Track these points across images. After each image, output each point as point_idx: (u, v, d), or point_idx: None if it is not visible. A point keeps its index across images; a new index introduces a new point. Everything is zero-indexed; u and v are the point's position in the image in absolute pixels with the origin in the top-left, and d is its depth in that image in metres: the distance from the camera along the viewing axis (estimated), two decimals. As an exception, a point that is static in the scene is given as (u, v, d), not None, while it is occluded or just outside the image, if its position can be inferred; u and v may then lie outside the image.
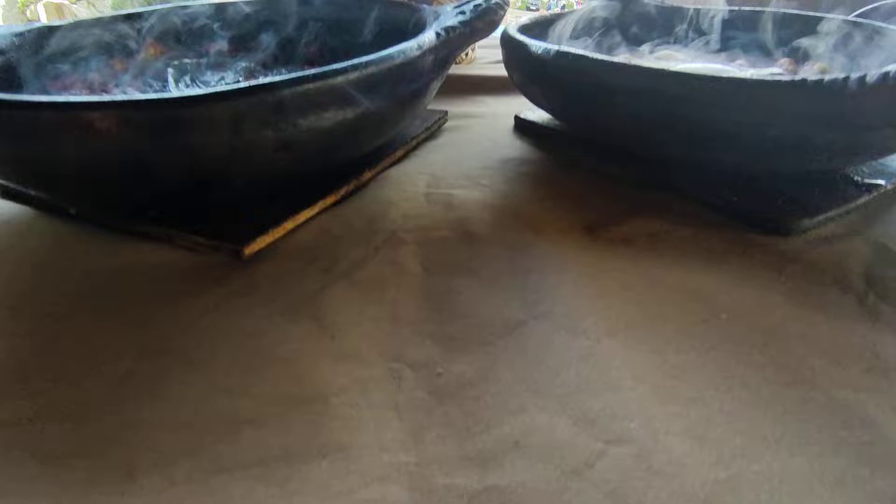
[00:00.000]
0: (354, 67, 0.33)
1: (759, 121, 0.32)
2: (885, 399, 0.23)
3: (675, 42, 0.59)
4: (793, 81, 0.31)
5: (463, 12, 0.42)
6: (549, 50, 0.39)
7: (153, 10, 0.57)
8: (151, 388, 0.24)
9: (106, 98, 0.34)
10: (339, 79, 0.32)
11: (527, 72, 0.44)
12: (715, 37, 0.58)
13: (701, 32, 0.59)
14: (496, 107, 0.58)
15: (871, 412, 0.22)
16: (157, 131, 0.29)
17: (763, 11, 0.58)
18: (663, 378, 0.23)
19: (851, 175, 0.39)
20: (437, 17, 0.45)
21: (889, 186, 0.39)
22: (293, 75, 0.31)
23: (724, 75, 0.32)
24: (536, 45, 0.40)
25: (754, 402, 0.22)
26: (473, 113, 0.56)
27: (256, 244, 0.33)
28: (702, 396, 0.23)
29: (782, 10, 0.57)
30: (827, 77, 0.30)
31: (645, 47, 0.57)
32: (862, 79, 0.29)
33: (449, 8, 0.45)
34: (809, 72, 0.47)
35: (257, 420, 0.22)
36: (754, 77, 0.32)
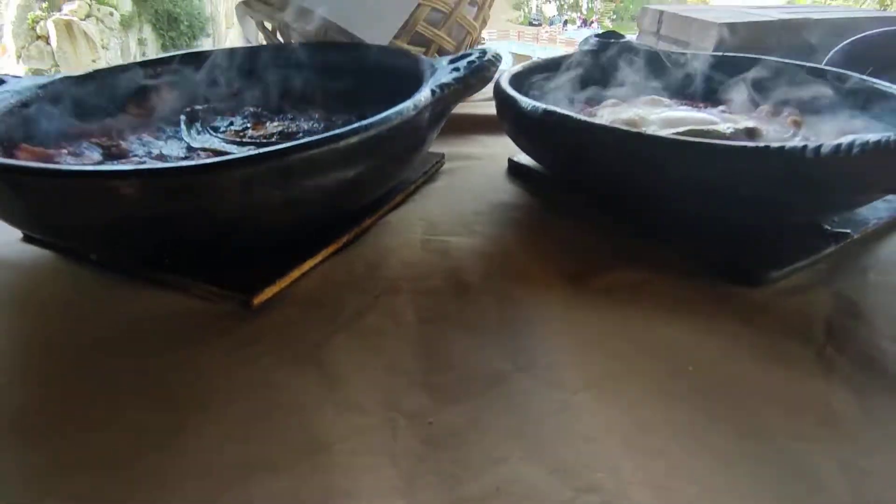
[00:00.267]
0: (355, 131, 0.36)
1: (728, 181, 0.35)
2: (832, 451, 0.25)
3: (663, 87, 0.62)
4: (757, 148, 0.34)
5: (457, 69, 0.46)
6: (537, 108, 0.42)
7: (165, 57, 0.61)
8: (171, 436, 0.26)
9: (132, 167, 0.37)
10: (342, 143, 0.35)
11: (516, 125, 0.47)
12: (702, 82, 0.61)
13: (690, 77, 0.62)
14: (493, 147, 0.61)
15: (817, 464, 0.24)
16: (175, 195, 0.32)
17: (750, 58, 0.61)
18: (632, 430, 0.26)
19: (822, 225, 0.42)
20: (433, 69, 0.48)
21: (856, 236, 0.41)
22: (299, 142, 0.34)
23: (696, 140, 0.35)
24: (525, 103, 0.43)
25: (713, 453, 0.25)
26: (470, 154, 0.59)
27: (264, 294, 0.36)
28: (666, 447, 0.25)
29: (769, 58, 0.60)
30: (787, 145, 0.33)
31: (634, 95, 0.60)
32: (818, 148, 0.32)
33: (445, 62, 0.48)
34: (783, 123, 0.49)
35: (269, 468, 0.25)
36: (723, 143, 0.35)
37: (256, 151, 0.32)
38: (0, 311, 0.38)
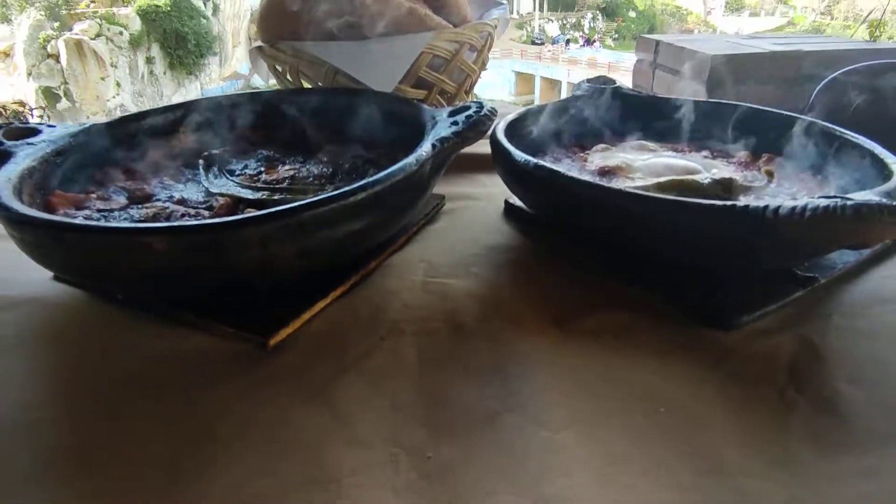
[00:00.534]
0: (363, 188, 0.40)
1: (697, 235, 0.39)
2: (783, 488, 0.28)
3: (650, 131, 0.66)
4: (724, 206, 0.37)
5: (456, 122, 0.50)
6: (529, 162, 0.46)
7: (186, 103, 0.65)
8: (199, 472, 0.30)
9: (162, 226, 0.41)
10: (351, 199, 0.39)
11: (509, 174, 0.50)
12: (686, 127, 0.65)
13: (675, 122, 0.65)
14: (491, 187, 0.65)
15: (768, 500, 0.28)
16: (200, 249, 0.36)
17: (732, 105, 0.64)
18: (606, 467, 0.29)
19: (793, 269, 0.46)
20: (433, 121, 0.52)
21: (823, 281, 0.45)
22: (312, 200, 0.37)
23: (666, 198, 0.39)
24: (518, 155, 0.47)
25: (678, 490, 0.28)
26: (469, 194, 0.63)
27: (279, 336, 0.39)
28: (636, 483, 0.28)
29: (749, 105, 0.64)
30: (752, 205, 0.37)
31: (623, 139, 0.64)
32: (777, 209, 0.35)
33: (445, 115, 0.52)
34: (758, 170, 0.53)
35: (286, 500, 0.28)
36: (691, 201, 0.38)
37: (273, 210, 0.36)
38: (32, 348, 0.42)
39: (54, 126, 0.55)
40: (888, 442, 0.31)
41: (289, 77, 0.77)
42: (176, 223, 0.39)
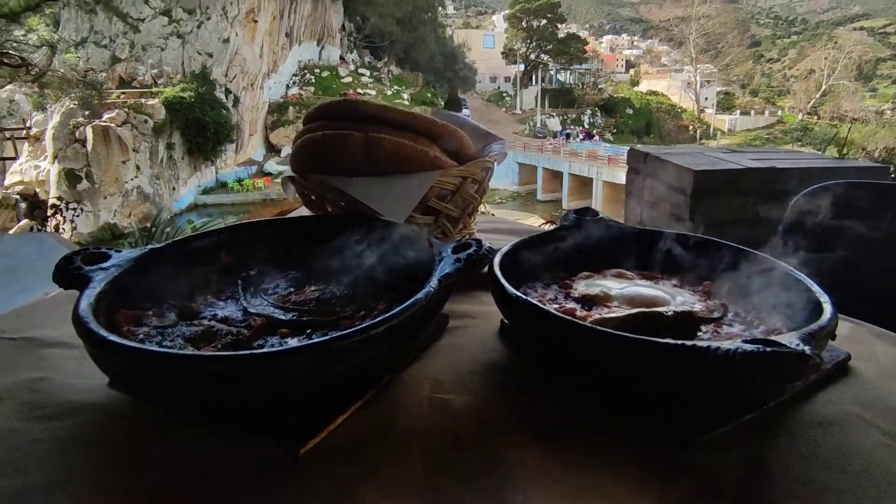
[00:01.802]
0: (381, 322, 0.48)
1: (660, 366, 0.47)
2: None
3: (629, 259, 0.75)
4: (677, 345, 0.46)
5: (459, 259, 0.59)
6: (518, 297, 0.55)
7: (227, 227, 0.76)
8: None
9: (218, 354, 0.49)
10: (372, 332, 0.48)
11: (500, 302, 0.60)
12: (660, 257, 0.74)
13: (652, 252, 0.75)
14: (489, 305, 0.73)
15: None
16: (246, 372, 0.44)
17: (702, 238, 0.74)
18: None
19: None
20: (440, 256, 0.62)
21: (772, 404, 0.52)
22: (339, 334, 0.46)
23: (621, 335, 0.47)
24: (509, 290, 0.57)
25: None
26: (470, 313, 0.72)
27: (308, 445, 0.47)
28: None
29: (715, 239, 0.74)
30: (699, 344, 0.45)
31: (605, 266, 0.73)
32: (716, 349, 0.44)
33: (449, 251, 0.62)
34: (714, 305, 0.62)
35: None
36: (645, 339, 0.47)
37: (309, 343, 0.45)
38: (85, 452, 0.49)
39: (120, 251, 0.66)
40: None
41: (314, 198, 0.89)
42: (232, 353, 0.47)
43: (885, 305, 0.90)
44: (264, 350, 0.45)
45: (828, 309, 0.53)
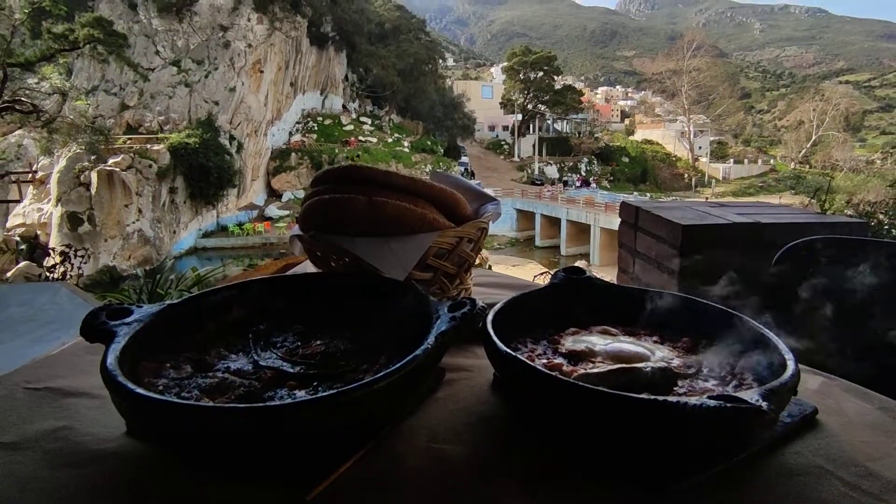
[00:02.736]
0: (383, 377, 0.53)
1: (635, 419, 0.52)
2: None
3: (614, 315, 0.81)
4: (649, 400, 0.51)
5: (455, 318, 0.65)
6: (508, 353, 0.60)
7: (238, 284, 0.82)
8: None
9: (234, 406, 0.54)
10: (374, 386, 0.53)
11: (491, 357, 0.65)
12: (643, 314, 0.80)
13: (635, 309, 0.81)
14: (482, 358, 0.78)
15: None
16: (258, 423, 0.49)
17: (683, 297, 0.80)
18: None
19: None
20: (437, 314, 0.67)
21: (743, 455, 0.57)
22: (344, 388, 0.51)
23: (610, 393, 0.52)
24: (500, 346, 0.62)
25: None
26: (465, 366, 0.77)
27: (315, 491, 0.51)
28: None
29: (696, 299, 0.79)
30: (669, 399, 0.50)
31: (593, 322, 0.79)
32: (684, 404, 0.49)
33: (445, 309, 0.68)
34: (691, 361, 0.67)
35: None
36: (621, 395, 0.52)
37: (318, 396, 0.50)
38: (107, 497, 0.52)
39: (142, 306, 0.71)
40: None
41: (319, 255, 0.95)
42: (250, 406, 0.52)
43: (859, 356, 0.95)
44: (276, 402, 0.50)
45: (790, 367, 0.58)
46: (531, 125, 43.74)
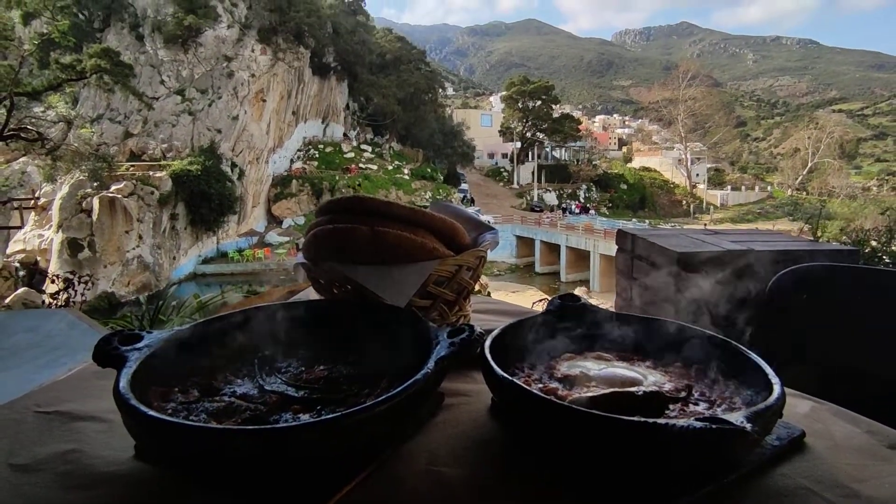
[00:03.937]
0: (384, 401, 0.56)
1: (626, 441, 0.54)
2: None
3: (608, 341, 0.83)
4: (639, 422, 0.53)
5: (454, 343, 0.67)
6: (505, 378, 0.63)
7: (244, 311, 0.84)
8: None
9: (241, 428, 0.56)
10: (376, 410, 0.55)
11: (488, 383, 0.67)
12: (637, 340, 0.82)
13: (629, 336, 0.83)
14: (480, 383, 0.80)
15: None
16: (264, 446, 0.51)
17: (675, 324, 0.82)
18: None
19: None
20: (437, 340, 0.70)
21: (732, 477, 0.59)
22: (348, 410, 0.53)
23: (602, 416, 0.54)
24: (497, 371, 0.64)
25: None
26: (464, 391, 0.79)
27: (317, 513, 0.53)
28: None
29: (687, 325, 0.82)
30: (658, 421, 0.52)
31: (587, 348, 0.81)
32: (672, 426, 0.51)
33: (445, 335, 0.70)
34: (682, 385, 0.70)
35: None
36: (618, 416, 0.54)
37: (322, 419, 0.52)
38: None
39: (151, 332, 0.73)
40: None
41: (322, 283, 0.98)
42: (257, 427, 0.54)
43: (847, 378, 0.97)
44: (282, 425, 0.52)
45: (776, 390, 0.60)
46: (530, 153, 44.25)
